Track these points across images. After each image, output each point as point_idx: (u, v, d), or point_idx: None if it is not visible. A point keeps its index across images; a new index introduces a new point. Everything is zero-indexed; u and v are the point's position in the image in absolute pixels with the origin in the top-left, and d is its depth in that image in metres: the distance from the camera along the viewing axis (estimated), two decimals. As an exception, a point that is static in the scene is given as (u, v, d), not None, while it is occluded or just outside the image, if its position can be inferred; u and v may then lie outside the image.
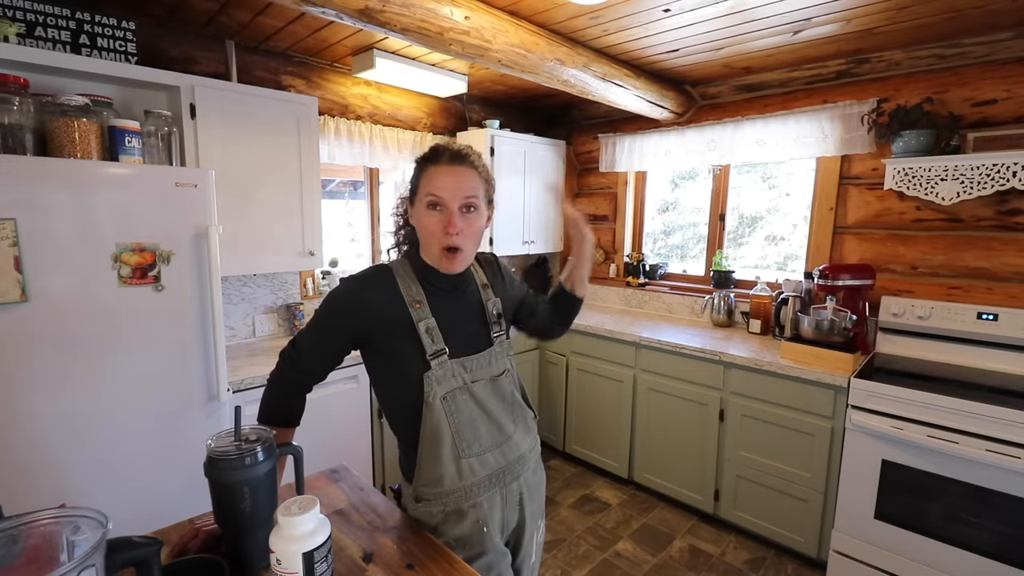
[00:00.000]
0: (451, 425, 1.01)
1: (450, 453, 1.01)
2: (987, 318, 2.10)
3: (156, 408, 1.68)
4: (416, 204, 1.03)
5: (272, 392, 1.07)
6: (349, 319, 1.01)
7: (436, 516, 1.03)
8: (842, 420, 2.04)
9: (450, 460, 1.01)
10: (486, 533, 1.04)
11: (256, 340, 2.52)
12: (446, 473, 1.01)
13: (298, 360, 1.05)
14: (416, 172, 1.05)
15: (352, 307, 1.01)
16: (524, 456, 1.13)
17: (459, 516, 1.03)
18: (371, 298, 1.01)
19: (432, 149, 1.03)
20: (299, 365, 1.05)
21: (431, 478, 1.01)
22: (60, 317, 1.48)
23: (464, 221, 1.00)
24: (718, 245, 3.07)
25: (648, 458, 2.73)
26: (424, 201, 1.00)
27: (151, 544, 0.69)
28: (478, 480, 1.04)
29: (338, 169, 2.74)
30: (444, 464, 1.01)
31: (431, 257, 1.03)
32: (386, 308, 1.01)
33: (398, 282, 1.03)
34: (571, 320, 1.30)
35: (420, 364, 1.00)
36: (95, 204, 1.51)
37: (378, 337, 1.02)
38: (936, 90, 2.21)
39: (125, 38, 1.86)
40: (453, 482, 1.01)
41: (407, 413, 1.03)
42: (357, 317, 1.01)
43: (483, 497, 1.04)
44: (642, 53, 2.39)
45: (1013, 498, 1.69)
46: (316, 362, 1.05)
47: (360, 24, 1.62)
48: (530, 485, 1.15)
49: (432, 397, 1.00)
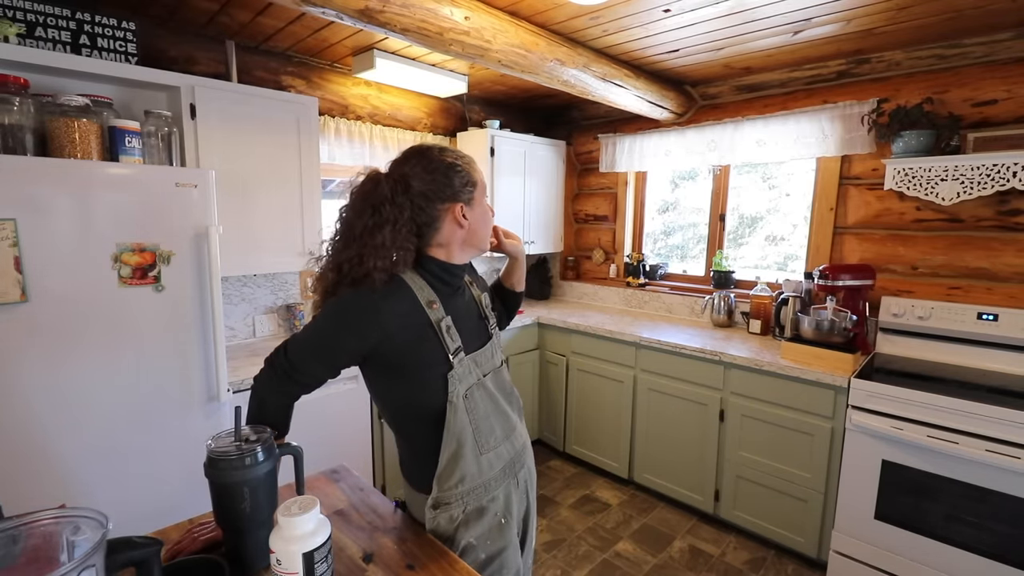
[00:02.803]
0: (472, 423, 1.02)
1: (472, 452, 1.01)
2: (987, 318, 2.10)
3: (156, 408, 1.68)
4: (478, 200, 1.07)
5: (260, 405, 1.01)
6: (363, 332, 0.95)
7: (456, 519, 1.01)
8: (842, 420, 2.03)
9: (472, 458, 1.01)
10: (505, 524, 1.06)
11: (256, 340, 2.52)
12: (468, 472, 1.01)
13: (292, 372, 0.98)
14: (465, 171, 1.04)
15: (370, 320, 0.95)
16: (526, 443, 1.17)
17: (479, 513, 1.03)
18: (392, 309, 0.96)
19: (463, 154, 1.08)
20: (294, 376, 0.99)
21: (456, 479, 1.00)
22: (60, 317, 1.48)
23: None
24: (718, 245, 3.07)
25: (648, 458, 2.73)
26: (486, 195, 1.09)
27: (151, 544, 0.69)
28: (496, 473, 1.05)
29: (338, 169, 2.74)
30: (467, 463, 1.00)
31: (483, 244, 1.12)
32: (406, 316, 0.97)
33: (412, 288, 1.00)
34: (513, 315, 1.41)
35: (443, 365, 0.99)
36: (95, 204, 1.51)
37: (391, 349, 0.97)
38: (936, 90, 2.21)
39: (125, 38, 1.86)
40: (474, 479, 1.02)
41: (419, 415, 1.01)
42: (373, 331, 0.95)
43: (499, 490, 1.06)
44: (642, 53, 2.39)
45: (1013, 498, 1.69)
46: (314, 374, 0.99)
47: (360, 24, 1.62)
48: (532, 471, 1.19)
49: (456, 396, 0.99)
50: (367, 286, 0.95)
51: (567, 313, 3.24)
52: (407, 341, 0.97)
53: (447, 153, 1.03)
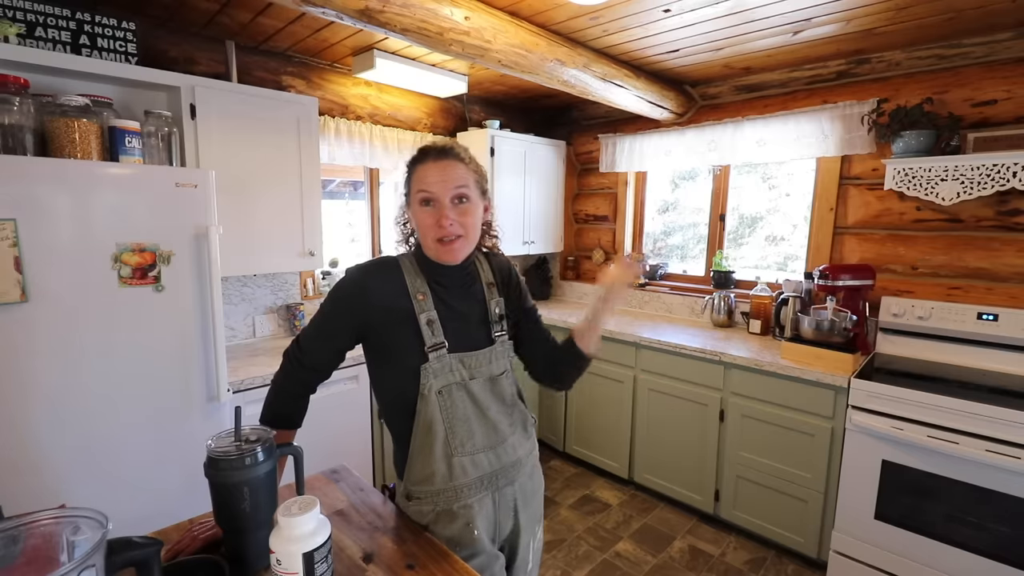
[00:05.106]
0: (445, 420, 1.02)
1: (442, 450, 1.01)
2: (987, 318, 2.10)
3: (156, 408, 1.68)
4: (411, 204, 1.06)
5: (276, 394, 1.07)
6: (352, 307, 1.03)
7: (427, 515, 1.03)
8: (842, 420, 2.03)
9: (441, 457, 1.01)
10: (476, 536, 1.03)
11: (256, 340, 2.52)
12: (437, 471, 1.01)
13: (303, 358, 1.05)
14: (407, 174, 1.08)
15: (356, 295, 1.03)
16: (520, 461, 1.11)
17: (449, 517, 1.03)
18: (375, 287, 1.03)
19: (419, 150, 1.07)
20: (304, 362, 1.05)
21: (422, 475, 1.02)
22: (60, 317, 1.48)
23: (457, 212, 1.02)
24: (718, 245, 3.07)
25: (648, 458, 2.73)
26: (417, 199, 1.03)
27: (151, 544, 0.69)
28: (469, 481, 1.03)
29: (338, 169, 2.74)
30: (435, 461, 1.01)
31: (430, 252, 1.05)
32: (389, 297, 1.03)
33: (404, 274, 1.05)
34: (569, 381, 1.18)
35: (419, 356, 1.01)
36: (95, 204, 1.51)
37: (379, 327, 1.03)
38: (936, 90, 2.21)
39: (125, 38, 1.86)
40: (444, 481, 1.01)
41: (402, 407, 1.04)
42: (360, 305, 1.02)
43: (474, 499, 1.04)
44: (642, 53, 2.39)
45: (1013, 498, 1.69)
46: (321, 357, 1.06)
47: (360, 24, 1.62)
48: (525, 491, 1.13)
49: (427, 390, 1.00)
50: (361, 264, 1.07)
51: (567, 313, 3.24)
52: (391, 322, 1.02)
53: (420, 151, 1.06)
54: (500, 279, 1.16)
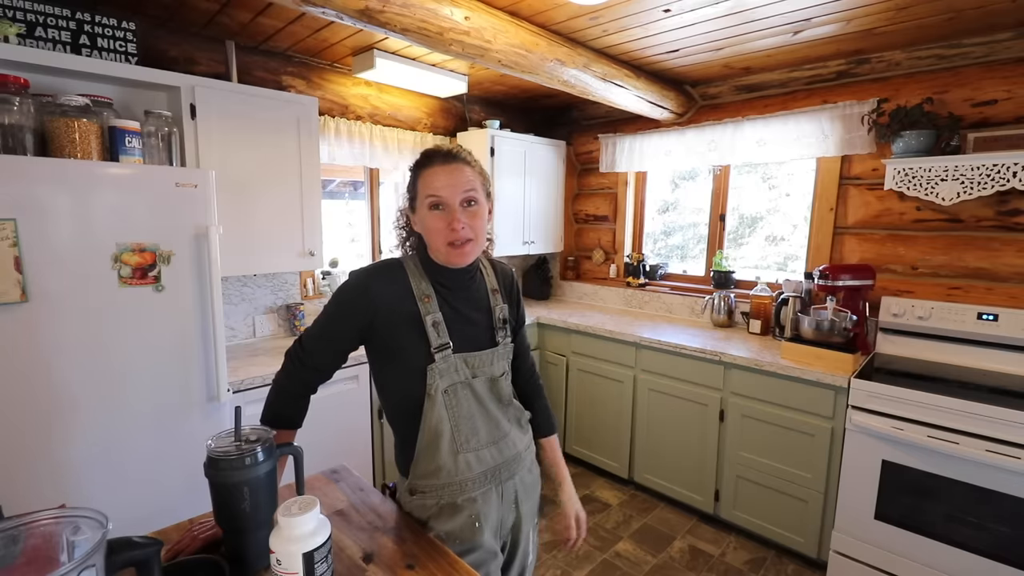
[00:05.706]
0: (451, 419, 1.04)
1: (448, 447, 1.03)
2: (987, 318, 2.10)
3: (156, 408, 1.68)
4: (418, 209, 1.05)
5: (277, 393, 1.07)
6: (357, 310, 1.03)
7: (430, 509, 1.04)
8: (842, 420, 2.03)
9: (448, 454, 1.03)
10: (478, 528, 1.05)
11: (256, 340, 2.52)
12: (443, 466, 1.03)
13: (305, 358, 1.06)
14: (412, 178, 1.07)
15: (360, 297, 1.03)
16: (520, 454, 1.15)
17: (453, 510, 1.04)
18: (379, 289, 1.03)
19: (424, 154, 1.06)
20: (307, 363, 1.06)
21: (428, 471, 1.04)
22: (60, 317, 1.48)
23: (467, 215, 1.03)
24: (718, 245, 3.07)
25: (648, 458, 2.73)
26: (426, 204, 1.03)
27: (151, 544, 0.69)
28: (474, 475, 1.05)
29: (338, 169, 2.74)
30: (442, 457, 1.03)
31: (439, 256, 1.05)
32: (394, 299, 1.03)
33: (408, 276, 1.06)
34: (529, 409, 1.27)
35: (424, 357, 1.02)
36: (95, 204, 1.51)
37: (384, 329, 1.03)
38: (936, 90, 2.21)
39: (125, 38, 1.86)
40: (450, 475, 1.03)
41: (407, 407, 1.05)
42: (365, 307, 1.03)
43: (478, 492, 1.06)
44: (642, 53, 2.39)
45: (1013, 498, 1.69)
46: (323, 358, 1.06)
47: (360, 24, 1.62)
48: (526, 483, 1.17)
49: (434, 390, 1.02)
50: (365, 267, 1.07)
51: (567, 313, 3.24)
52: (395, 323, 1.03)
53: (422, 153, 1.07)
54: (504, 286, 1.20)
